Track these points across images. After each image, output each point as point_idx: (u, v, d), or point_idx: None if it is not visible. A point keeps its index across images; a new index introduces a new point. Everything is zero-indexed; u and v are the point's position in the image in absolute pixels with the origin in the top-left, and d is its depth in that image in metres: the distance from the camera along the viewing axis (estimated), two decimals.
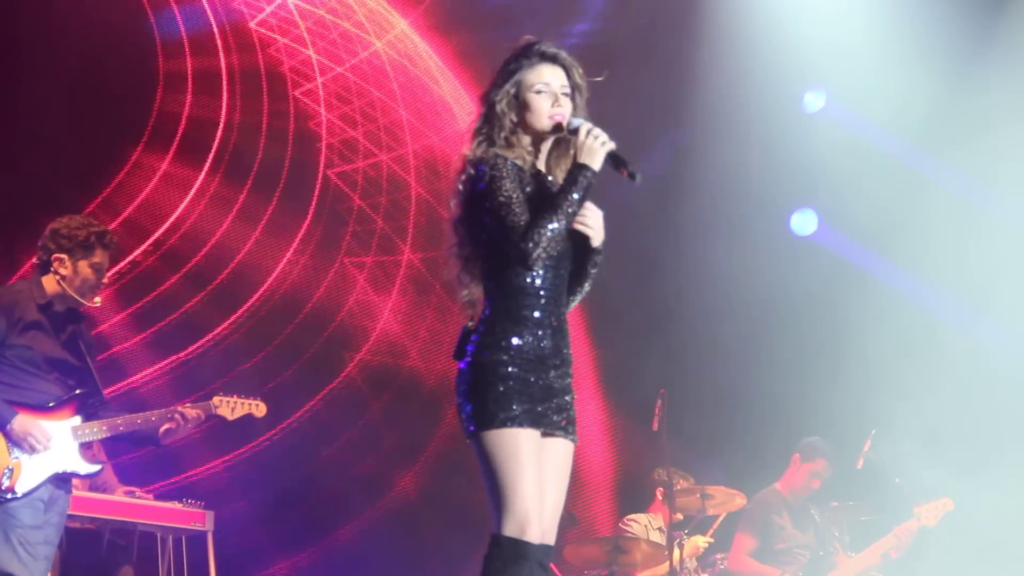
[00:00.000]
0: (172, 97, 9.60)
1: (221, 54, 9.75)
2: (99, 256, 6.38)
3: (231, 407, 6.97)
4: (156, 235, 9.50)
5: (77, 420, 6.35)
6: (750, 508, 8.65)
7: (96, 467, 6.43)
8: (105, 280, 6.42)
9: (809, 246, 10.25)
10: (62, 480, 6.30)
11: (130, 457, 8.46)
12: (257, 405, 7.08)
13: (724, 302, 9.93)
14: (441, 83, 10.14)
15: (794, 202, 10.34)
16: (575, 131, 4.60)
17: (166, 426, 6.54)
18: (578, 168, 4.54)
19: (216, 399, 6.90)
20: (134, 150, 9.52)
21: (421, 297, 9.99)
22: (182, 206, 9.60)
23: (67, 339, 6.38)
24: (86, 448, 6.39)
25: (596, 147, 4.55)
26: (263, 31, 9.86)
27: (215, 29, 9.73)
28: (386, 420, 9.87)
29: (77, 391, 6.34)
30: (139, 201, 9.49)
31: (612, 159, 4.59)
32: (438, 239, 4.87)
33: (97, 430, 6.37)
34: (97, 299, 6.43)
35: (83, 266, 6.35)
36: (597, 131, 4.58)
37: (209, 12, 9.71)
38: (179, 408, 6.60)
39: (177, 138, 9.62)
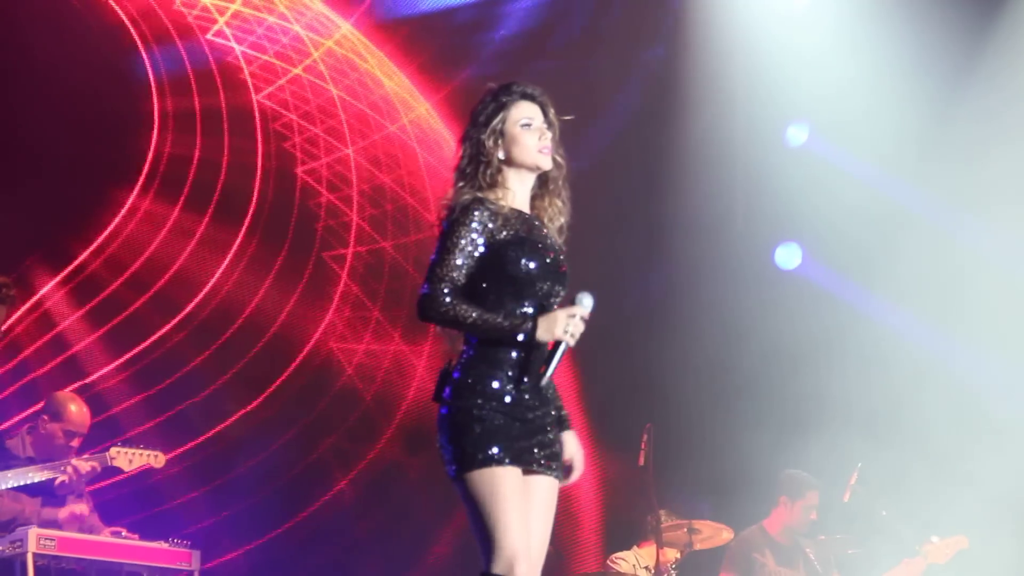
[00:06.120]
0: (154, 135, 9.62)
1: (194, 85, 9.79)
2: None
3: (128, 458, 7.09)
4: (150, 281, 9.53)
5: None
6: (732, 547, 8.67)
7: None
8: (2, 328, 6.46)
9: (794, 280, 10.26)
10: None
11: (115, 496, 8.47)
12: (156, 456, 7.20)
13: (709, 336, 9.94)
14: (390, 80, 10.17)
15: (778, 236, 10.36)
16: (572, 302, 4.53)
17: (60, 479, 6.59)
18: (532, 322, 4.46)
19: (113, 450, 7.02)
20: (120, 190, 9.54)
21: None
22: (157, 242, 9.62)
23: None
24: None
25: (557, 330, 4.46)
26: (245, 69, 9.88)
27: (189, 69, 9.76)
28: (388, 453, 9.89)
29: None
30: (120, 240, 9.52)
31: (552, 349, 4.50)
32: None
33: None
34: None
35: None
36: (576, 325, 4.48)
37: (183, 52, 9.74)
38: (72, 461, 6.68)
39: (159, 177, 9.65)
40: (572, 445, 4.76)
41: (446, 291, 4.45)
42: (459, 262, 4.48)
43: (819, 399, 9.48)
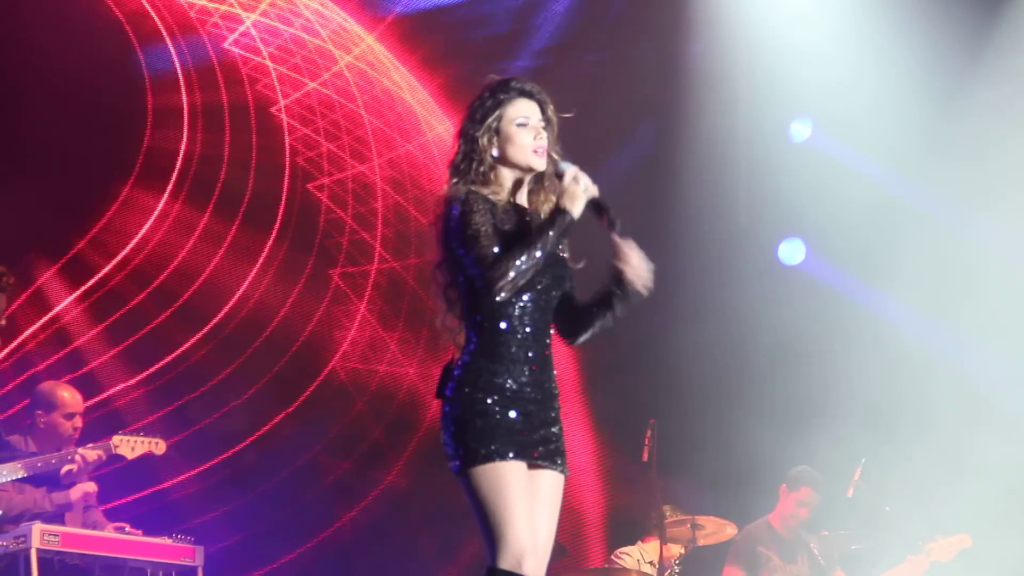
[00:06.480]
0: (162, 133, 9.58)
1: (223, 88, 9.74)
2: None
3: (131, 446, 7.21)
4: (160, 280, 9.49)
5: None
6: (737, 541, 8.68)
7: None
8: (2, 322, 6.49)
9: (797, 275, 10.26)
10: None
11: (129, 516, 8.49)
12: (156, 443, 7.33)
13: (712, 332, 9.93)
14: (410, 95, 10.12)
15: (782, 231, 10.35)
16: (561, 175, 4.61)
17: (67, 468, 6.65)
18: (558, 211, 4.54)
19: (116, 438, 7.11)
20: (124, 186, 9.51)
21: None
22: (143, 228, 9.56)
23: None
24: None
25: (578, 193, 4.55)
26: (272, 72, 9.86)
27: (215, 64, 9.72)
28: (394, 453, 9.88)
29: None
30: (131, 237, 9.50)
31: (594, 206, 4.59)
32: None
33: None
34: None
35: None
36: (582, 177, 4.58)
37: (209, 45, 9.70)
38: (79, 450, 6.75)
39: (179, 176, 9.61)
40: (624, 248, 4.72)
41: (495, 260, 4.45)
42: (487, 243, 4.48)
43: (823, 395, 9.48)
